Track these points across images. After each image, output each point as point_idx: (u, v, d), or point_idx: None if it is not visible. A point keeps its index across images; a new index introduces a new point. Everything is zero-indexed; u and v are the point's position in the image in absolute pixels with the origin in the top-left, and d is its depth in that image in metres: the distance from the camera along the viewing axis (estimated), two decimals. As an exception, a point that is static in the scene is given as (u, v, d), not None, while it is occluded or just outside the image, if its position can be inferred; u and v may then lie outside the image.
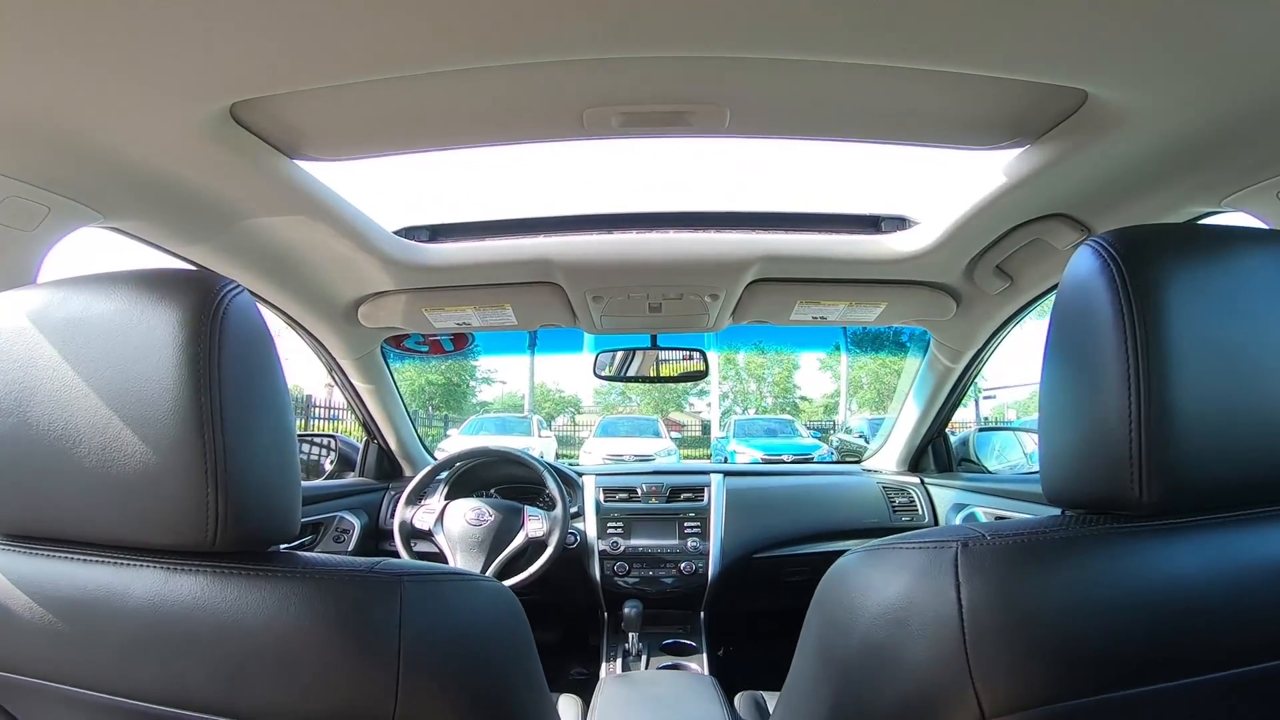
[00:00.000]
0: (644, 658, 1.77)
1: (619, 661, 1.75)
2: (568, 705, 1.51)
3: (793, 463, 11.53)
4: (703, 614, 2.01)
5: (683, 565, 1.93)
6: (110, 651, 0.51)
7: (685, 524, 1.99)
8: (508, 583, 1.68)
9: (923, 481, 2.15)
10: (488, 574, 1.65)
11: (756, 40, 0.72)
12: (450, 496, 1.95)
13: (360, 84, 0.78)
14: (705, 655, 1.80)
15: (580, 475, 2.13)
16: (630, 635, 1.79)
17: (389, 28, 0.67)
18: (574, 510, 2.01)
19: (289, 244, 1.25)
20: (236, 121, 0.86)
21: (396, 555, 1.76)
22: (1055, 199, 1.12)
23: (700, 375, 1.93)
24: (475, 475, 2.09)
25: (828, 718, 0.56)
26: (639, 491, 2.07)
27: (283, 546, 0.60)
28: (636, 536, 1.97)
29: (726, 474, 2.14)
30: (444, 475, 2.02)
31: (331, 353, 1.74)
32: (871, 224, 1.43)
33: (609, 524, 1.99)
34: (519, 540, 1.74)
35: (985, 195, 1.13)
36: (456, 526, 1.75)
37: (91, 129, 0.82)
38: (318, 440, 2.28)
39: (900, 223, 1.41)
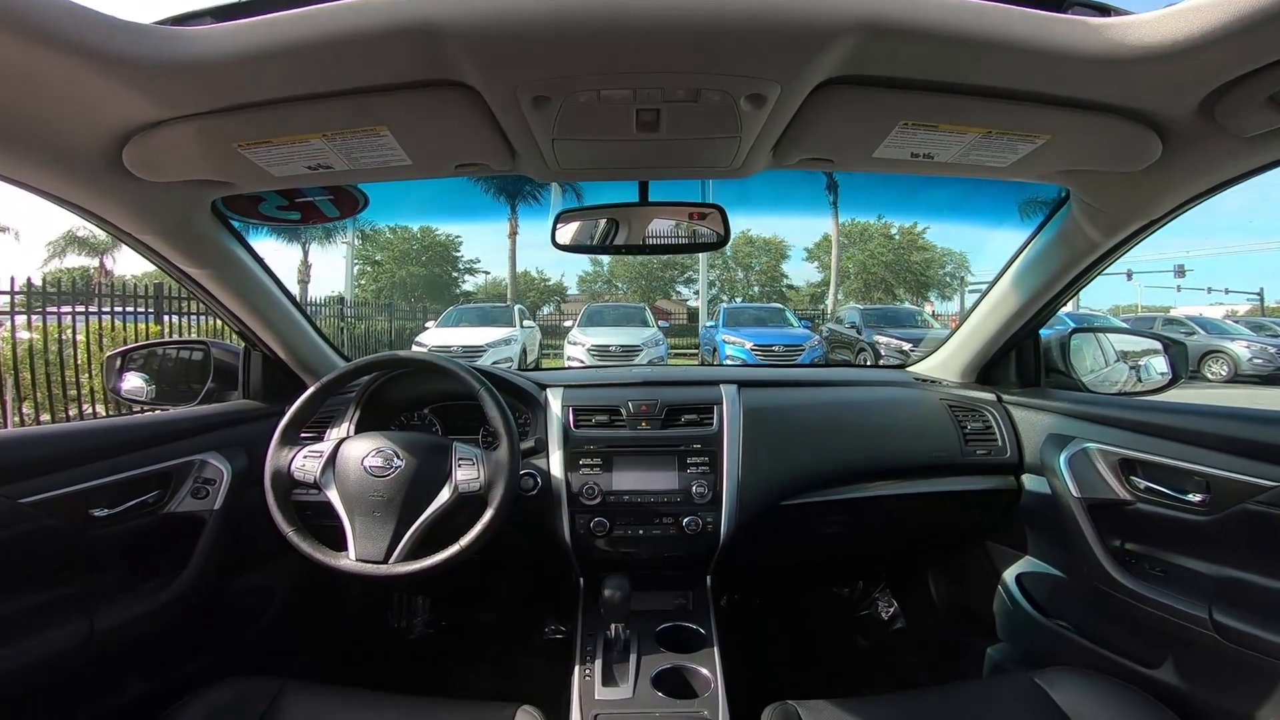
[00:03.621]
0: (632, 658, 1.26)
1: (597, 664, 1.24)
2: None
3: (784, 354, 11.24)
4: (709, 578, 1.51)
5: (685, 521, 1.40)
6: None
7: (689, 459, 1.45)
8: (430, 562, 1.16)
9: (1000, 399, 1.61)
10: (400, 548, 1.13)
11: None
12: (363, 426, 1.39)
13: None
14: (717, 651, 1.29)
15: (543, 387, 1.56)
16: (614, 625, 1.29)
17: None
18: (530, 444, 1.46)
19: None
20: None
21: (291, 515, 1.23)
22: None
23: (715, 245, 1.28)
24: (398, 393, 1.51)
25: None
26: (624, 412, 1.50)
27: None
28: (621, 478, 1.43)
29: (741, 384, 1.58)
30: (348, 396, 1.45)
31: (114, 223, 1.11)
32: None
33: (582, 460, 1.44)
34: (444, 497, 1.20)
35: None
36: (352, 477, 1.20)
37: None
38: (179, 349, 1.67)
39: (1099, 7, 0.78)
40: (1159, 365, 1.52)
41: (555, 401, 1.51)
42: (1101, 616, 1.34)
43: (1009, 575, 1.62)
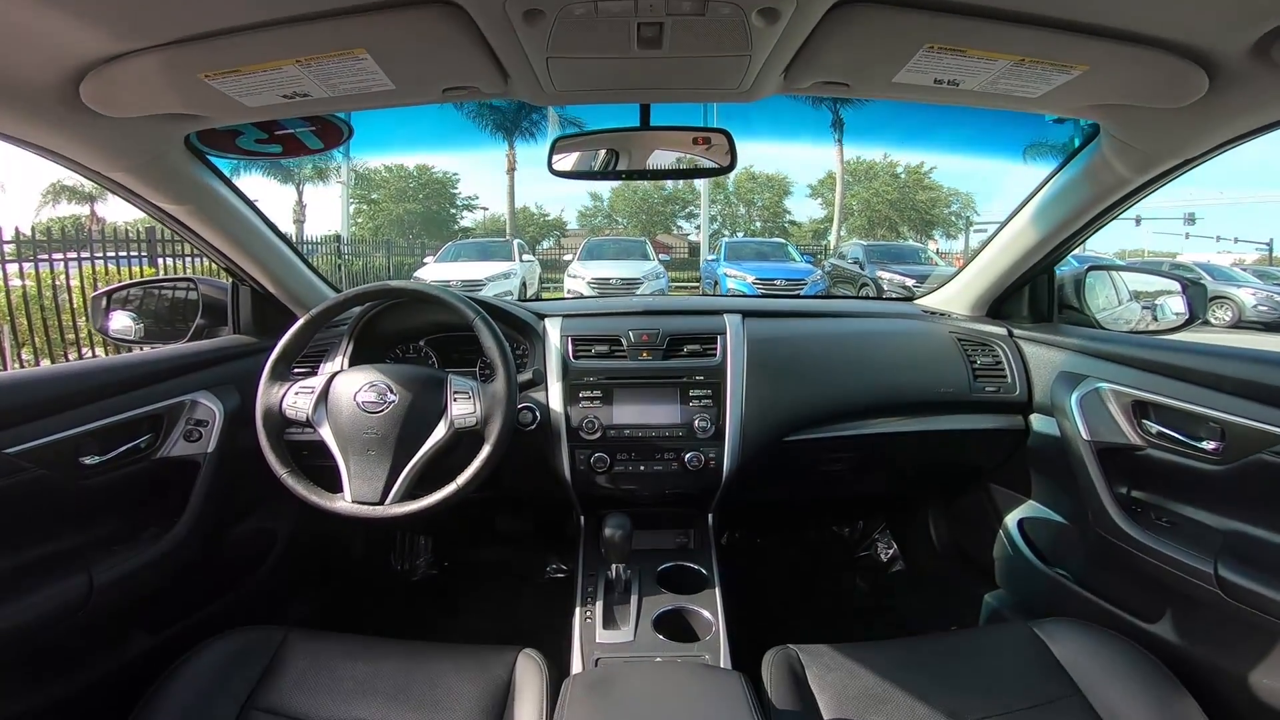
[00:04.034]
0: (633, 599, 1.25)
1: (598, 606, 1.24)
2: (526, 668, 1.06)
3: (786, 288, 11.13)
4: (711, 516, 1.50)
5: (687, 457, 1.37)
6: None
7: (691, 392, 1.41)
8: (427, 502, 1.13)
9: (1012, 334, 1.56)
10: (397, 488, 1.10)
11: None
12: (356, 360, 1.35)
13: None
14: (719, 592, 1.29)
15: (541, 317, 1.51)
16: (615, 566, 1.28)
17: None
18: (528, 376, 1.42)
19: None
20: None
21: (285, 455, 1.20)
22: None
23: (720, 170, 1.21)
24: (392, 325, 1.47)
25: None
26: (624, 342, 1.45)
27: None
28: (622, 412, 1.40)
29: (746, 314, 1.52)
30: (340, 329, 1.41)
31: (80, 162, 1.05)
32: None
33: (581, 393, 1.40)
34: (439, 433, 1.16)
35: None
36: (345, 414, 1.16)
37: None
38: (167, 288, 1.61)
39: None
40: (1175, 305, 1.47)
41: (554, 331, 1.46)
42: (1102, 567, 1.33)
43: (1011, 520, 1.61)
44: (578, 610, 1.24)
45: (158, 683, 1.01)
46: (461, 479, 1.14)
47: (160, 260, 7.37)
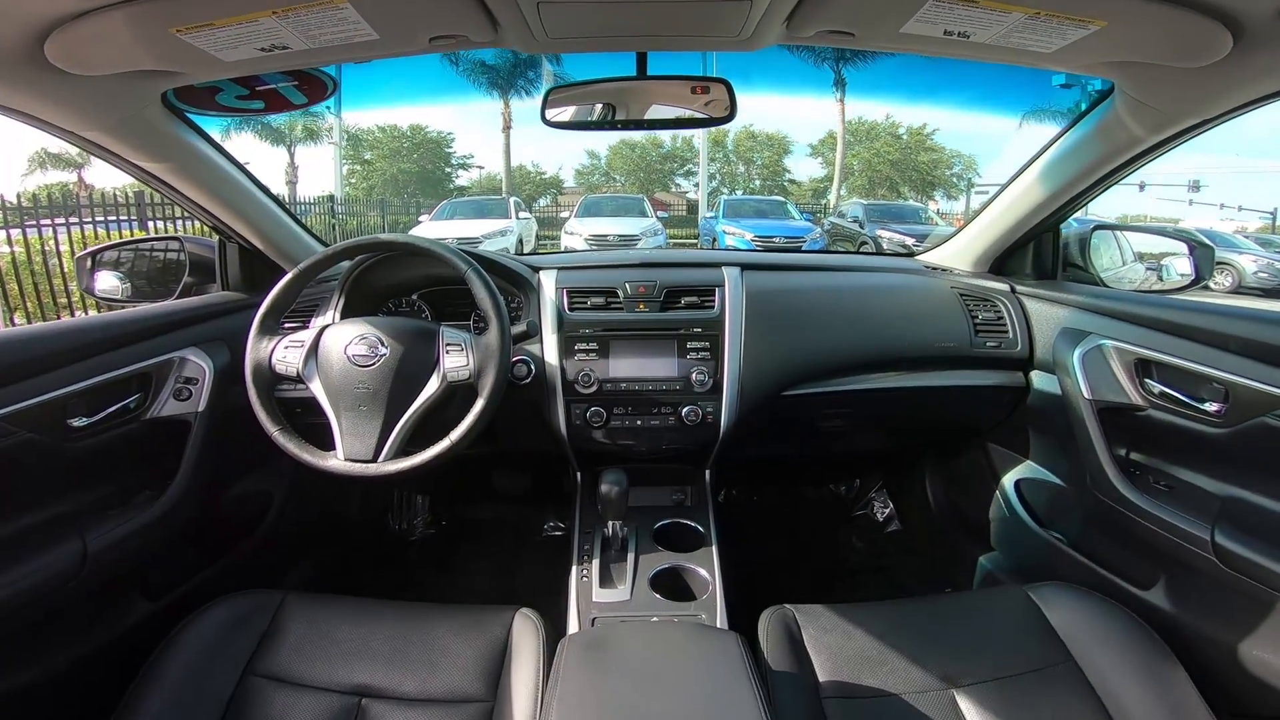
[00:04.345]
0: (630, 557, 1.25)
1: (595, 564, 1.24)
2: (523, 628, 1.07)
3: (785, 246, 11.00)
4: (708, 472, 1.49)
5: (685, 411, 1.36)
6: None
7: (689, 344, 1.38)
8: (421, 459, 1.12)
9: (1014, 290, 1.53)
10: (390, 445, 1.09)
11: None
12: (348, 314, 1.33)
13: None
14: (715, 550, 1.29)
15: (535, 270, 1.48)
16: (611, 523, 1.27)
17: None
18: (522, 328, 1.39)
19: None
20: None
21: (276, 412, 1.17)
22: None
23: (720, 120, 1.16)
24: (384, 279, 1.43)
25: None
26: (621, 294, 1.42)
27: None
28: (618, 365, 1.38)
29: (745, 267, 1.49)
30: (331, 283, 1.38)
31: (51, 122, 1.00)
32: None
33: (577, 345, 1.38)
34: (432, 387, 1.14)
35: None
36: (335, 368, 1.14)
37: None
38: (154, 247, 1.57)
39: None
40: (1181, 266, 1.44)
41: (549, 283, 1.43)
42: (1098, 531, 1.33)
43: (1008, 480, 1.61)
44: (574, 568, 1.24)
45: (156, 652, 1.01)
46: (455, 434, 1.12)
47: (150, 224, 7.32)
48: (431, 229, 11.58)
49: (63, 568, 1.00)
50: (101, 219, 7.00)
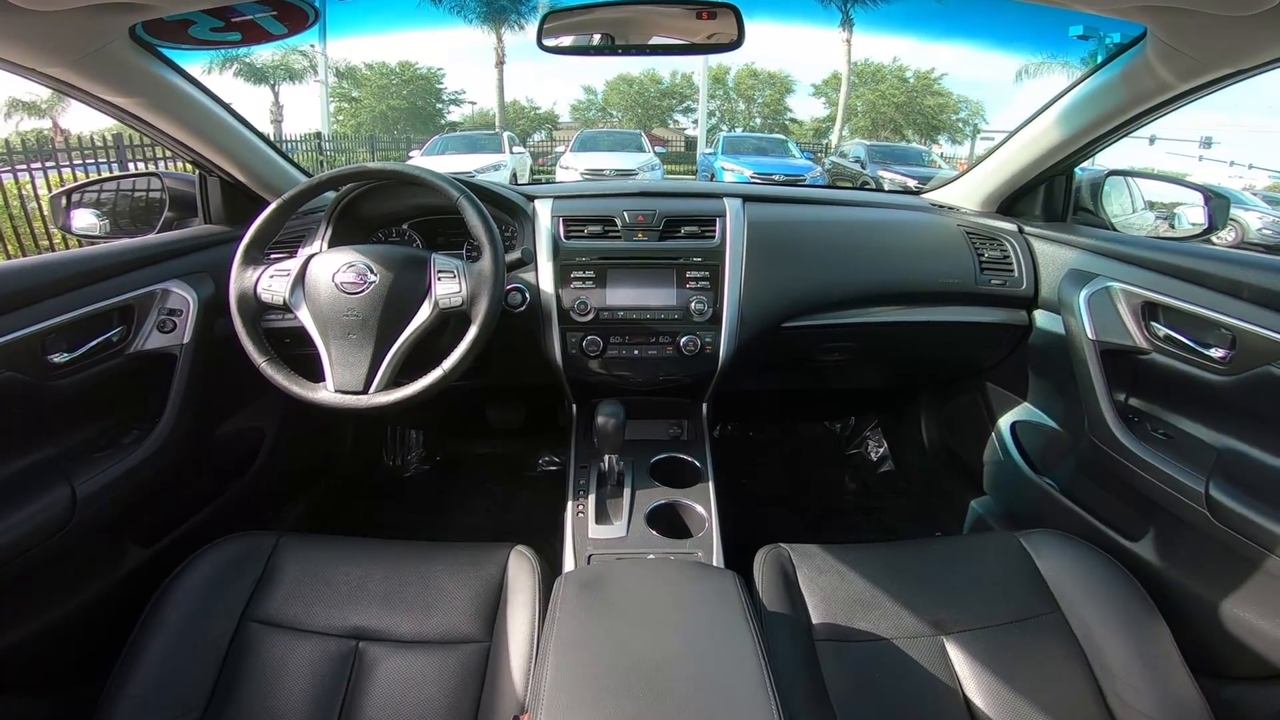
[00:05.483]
0: (626, 492, 1.25)
1: (591, 500, 1.23)
2: (519, 566, 1.07)
3: (784, 183, 10.80)
4: (705, 406, 1.48)
5: (683, 341, 1.33)
6: None
7: (688, 274, 1.35)
8: (413, 389, 1.09)
9: (1022, 230, 1.49)
10: (381, 374, 1.06)
11: None
12: (336, 244, 1.29)
13: None
14: (712, 485, 1.28)
15: (531, 199, 1.43)
16: (607, 457, 1.26)
17: None
18: (516, 256, 1.34)
19: None
20: None
21: (263, 343, 1.14)
22: None
23: (726, 47, 1.09)
24: (373, 208, 1.39)
25: None
26: (619, 223, 1.38)
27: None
28: (615, 294, 1.34)
29: (746, 199, 1.45)
30: (318, 214, 1.33)
31: (10, 60, 0.93)
32: None
33: (573, 273, 1.34)
34: (424, 314, 1.10)
35: None
36: (323, 296, 1.10)
37: None
38: (132, 184, 1.49)
39: None
40: (1194, 216, 1.40)
41: (544, 212, 1.38)
42: (1091, 478, 1.32)
43: (1004, 423, 1.60)
44: (570, 504, 1.24)
45: (151, 600, 1.00)
46: (448, 363, 1.09)
47: (131, 164, 7.15)
48: (423, 164, 11.28)
49: (52, 515, 0.97)
50: (80, 162, 6.87)
